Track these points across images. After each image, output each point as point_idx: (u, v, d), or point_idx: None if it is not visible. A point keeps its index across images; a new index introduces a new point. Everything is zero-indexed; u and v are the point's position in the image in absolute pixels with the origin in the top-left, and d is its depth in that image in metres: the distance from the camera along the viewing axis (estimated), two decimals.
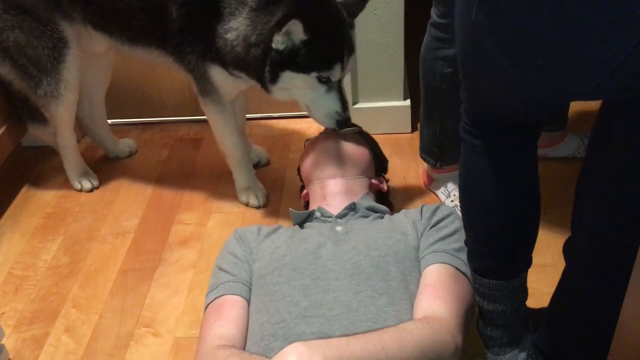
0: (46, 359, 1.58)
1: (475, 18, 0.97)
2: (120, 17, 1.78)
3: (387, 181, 1.75)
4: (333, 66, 1.59)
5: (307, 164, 1.64)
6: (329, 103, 1.64)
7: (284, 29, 1.50)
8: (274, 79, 1.60)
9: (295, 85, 1.62)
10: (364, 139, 1.72)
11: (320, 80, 1.61)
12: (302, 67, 1.58)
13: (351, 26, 1.67)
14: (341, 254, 1.31)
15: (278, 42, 1.54)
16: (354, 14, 1.68)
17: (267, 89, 1.64)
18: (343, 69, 1.62)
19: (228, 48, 1.65)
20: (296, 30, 1.51)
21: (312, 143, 1.69)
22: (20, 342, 1.63)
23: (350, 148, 1.62)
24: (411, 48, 2.22)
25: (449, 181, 1.93)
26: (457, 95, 1.78)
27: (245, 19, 1.61)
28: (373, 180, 1.64)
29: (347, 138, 1.64)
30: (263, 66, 1.59)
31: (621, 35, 0.82)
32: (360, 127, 1.76)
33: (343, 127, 1.65)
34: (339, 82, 1.65)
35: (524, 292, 1.34)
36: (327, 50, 1.58)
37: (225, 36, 1.63)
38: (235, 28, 1.62)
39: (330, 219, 1.47)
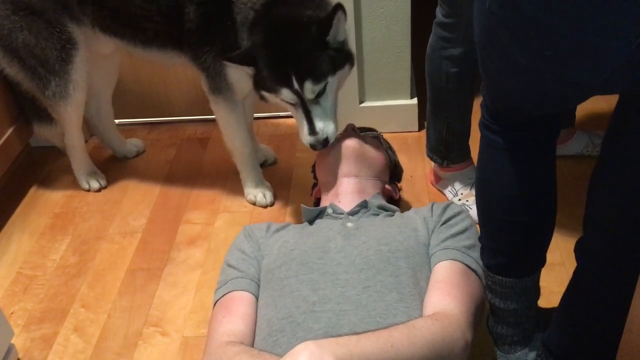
0: (55, 358, 1.59)
1: (489, 8, 0.98)
2: (134, 21, 1.78)
3: (399, 190, 1.75)
4: (280, 91, 1.60)
5: (324, 161, 1.64)
6: (300, 123, 1.65)
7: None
8: (260, 96, 1.68)
9: (275, 102, 1.67)
10: (382, 144, 1.73)
11: (282, 100, 1.63)
12: (264, 89, 1.64)
13: (319, 47, 1.57)
14: (350, 248, 1.31)
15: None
16: (325, 32, 1.56)
17: None
18: (295, 92, 1.59)
19: None
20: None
21: None
22: (29, 341, 1.64)
23: (368, 150, 1.62)
24: (418, 46, 2.21)
25: (456, 180, 1.93)
26: (463, 94, 1.80)
27: (245, 31, 1.65)
28: (386, 186, 1.65)
29: (365, 140, 1.65)
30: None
31: (629, 27, 0.82)
32: (380, 133, 1.77)
33: (314, 149, 1.64)
34: (305, 104, 1.61)
35: (536, 291, 1.34)
36: (272, 77, 1.60)
37: (239, 43, 1.67)
38: (245, 37, 1.66)
39: (341, 216, 1.47)
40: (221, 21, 1.67)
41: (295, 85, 1.57)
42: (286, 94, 1.59)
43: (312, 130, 1.62)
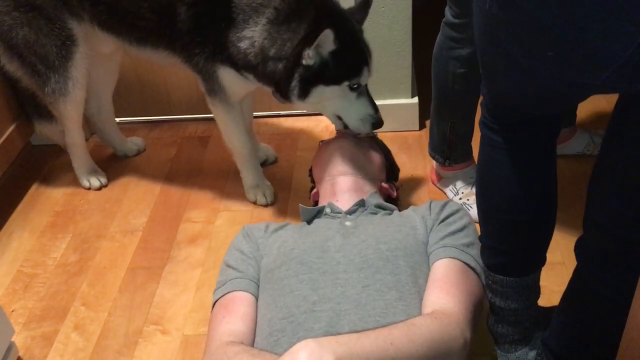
0: (56, 356, 1.59)
1: (489, 9, 0.98)
2: (128, 17, 1.78)
3: (397, 189, 1.76)
4: (362, 71, 1.63)
5: (320, 162, 1.66)
6: (362, 108, 1.68)
7: (316, 42, 1.52)
8: (304, 95, 1.62)
9: (327, 97, 1.65)
10: (378, 144, 1.76)
11: (351, 88, 1.64)
12: (333, 79, 1.61)
13: (361, 32, 1.70)
14: (350, 247, 1.32)
15: (309, 57, 1.56)
16: (360, 21, 1.71)
17: (291, 102, 1.67)
18: (370, 71, 1.65)
19: (241, 55, 1.67)
20: (327, 41, 1.53)
21: (326, 143, 1.72)
22: (30, 339, 1.64)
23: (363, 149, 1.64)
24: (419, 45, 2.22)
25: (458, 179, 1.93)
26: (469, 95, 1.80)
27: (262, 30, 1.62)
28: (383, 184, 1.65)
29: (361, 140, 1.67)
30: (288, 82, 1.61)
31: (629, 28, 0.82)
32: (375, 133, 1.79)
33: (377, 128, 1.70)
34: (365, 85, 1.68)
35: (536, 290, 1.34)
36: (354, 56, 1.62)
37: (238, 44, 1.65)
38: (249, 37, 1.63)
39: (339, 215, 1.47)
40: (214, 23, 1.66)
41: (370, 62, 1.64)
42: (366, 72, 1.64)
43: (376, 109, 1.69)
